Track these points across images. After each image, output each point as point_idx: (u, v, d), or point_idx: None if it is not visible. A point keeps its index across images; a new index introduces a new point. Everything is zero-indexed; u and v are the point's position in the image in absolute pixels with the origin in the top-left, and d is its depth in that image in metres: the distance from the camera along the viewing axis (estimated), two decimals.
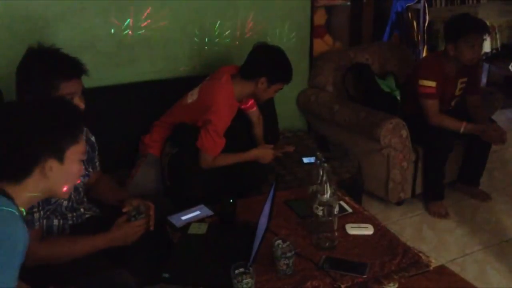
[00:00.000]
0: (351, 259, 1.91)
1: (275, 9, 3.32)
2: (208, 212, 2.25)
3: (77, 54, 1.97)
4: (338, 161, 2.98)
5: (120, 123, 2.81)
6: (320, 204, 1.95)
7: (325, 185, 1.96)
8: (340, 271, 1.84)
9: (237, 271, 1.71)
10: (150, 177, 2.65)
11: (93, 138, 2.16)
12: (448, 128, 3.18)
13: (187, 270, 1.90)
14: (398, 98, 3.48)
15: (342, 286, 1.78)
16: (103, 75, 2.85)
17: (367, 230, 2.10)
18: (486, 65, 4.96)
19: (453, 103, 3.39)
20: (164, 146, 2.68)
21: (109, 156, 2.38)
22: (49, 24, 2.68)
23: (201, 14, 3.07)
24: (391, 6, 4.82)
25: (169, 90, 2.92)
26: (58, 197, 1.81)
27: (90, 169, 2.15)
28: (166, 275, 1.86)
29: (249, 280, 1.70)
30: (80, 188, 2.07)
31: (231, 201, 2.18)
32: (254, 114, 2.94)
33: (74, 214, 2.04)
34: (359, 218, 2.20)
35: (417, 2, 4.77)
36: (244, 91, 2.68)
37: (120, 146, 2.77)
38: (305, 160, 2.95)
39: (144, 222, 1.96)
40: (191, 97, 2.71)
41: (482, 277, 2.67)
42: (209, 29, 3.12)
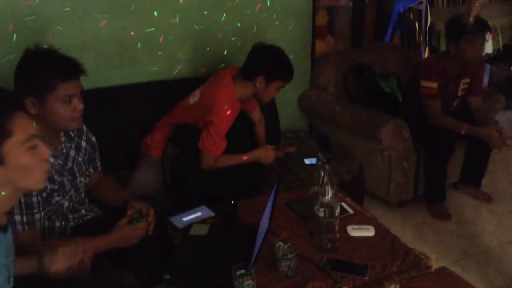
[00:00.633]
0: (352, 260, 1.91)
1: (277, 9, 3.32)
2: (209, 213, 2.25)
3: (79, 55, 1.97)
4: (339, 162, 2.98)
5: (121, 123, 2.81)
6: (321, 206, 1.95)
7: (327, 186, 1.96)
8: (342, 273, 1.84)
9: (238, 273, 1.71)
10: (151, 177, 2.65)
11: (93, 138, 2.16)
12: (449, 129, 3.18)
13: (188, 271, 1.90)
14: (400, 99, 3.48)
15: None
16: (105, 76, 2.85)
17: (368, 231, 2.10)
18: (488, 66, 4.95)
19: (455, 104, 3.39)
20: (166, 147, 2.68)
21: (110, 157, 2.38)
22: (50, 24, 2.68)
23: (203, 15, 3.06)
24: (393, 7, 4.83)
25: (171, 91, 2.92)
26: (31, 190, 1.66)
27: (91, 170, 2.15)
28: (167, 276, 1.86)
29: (250, 281, 1.70)
30: (81, 189, 2.07)
31: (232, 202, 2.18)
32: (256, 115, 2.94)
33: (75, 215, 2.04)
34: (360, 219, 2.20)
35: (419, 3, 4.78)
36: (246, 92, 2.68)
37: (121, 147, 2.77)
38: (307, 161, 2.94)
39: (145, 224, 1.97)
40: (193, 98, 2.71)
41: (484, 279, 2.67)
42: (211, 30, 3.12)
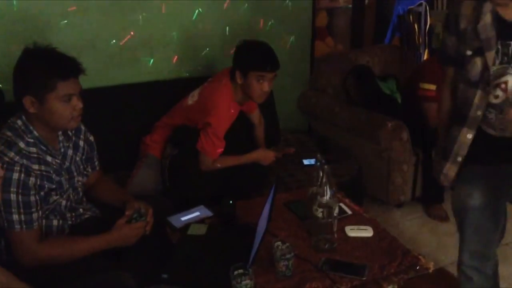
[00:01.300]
0: (350, 261, 1.91)
1: (277, 11, 3.33)
2: (207, 213, 2.25)
3: (79, 55, 1.97)
4: (338, 163, 2.98)
5: (121, 123, 2.81)
6: (319, 206, 1.95)
7: (325, 187, 1.96)
8: (340, 273, 1.84)
9: (236, 272, 1.71)
10: (150, 177, 2.65)
11: (91, 138, 2.15)
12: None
13: (186, 271, 1.90)
14: (399, 100, 3.48)
15: None
16: (104, 76, 2.86)
17: (367, 232, 2.10)
18: None
19: None
20: (165, 147, 2.68)
21: (110, 157, 2.38)
22: (51, 24, 2.68)
23: (203, 16, 3.07)
24: (392, 9, 4.83)
25: (170, 91, 2.93)
26: None
27: (89, 169, 2.14)
28: (165, 276, 1.86)
29: (248, 281, 1.70)
30: (79, 188, 2.07)
31: (231, 202, 2.19)
32: (255, 117, 2.93)
33: (73, 214, 2.04)
34: (359, 220, 2.20)
35: (419, 5, 4.78)
36: (239, 93, 2.65)
37: (120, 147, 2.77)
38: (305, 161, 2.95)
39: (144, 224, 1.96)
40: (192, 98, 2.71)
41: None
42: (211, 31, 3.12)
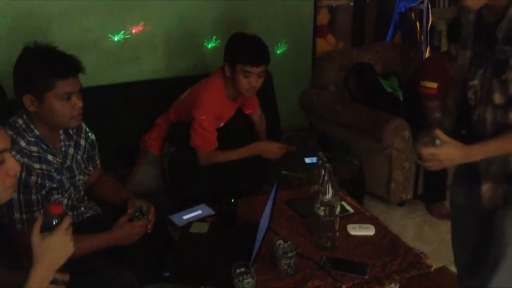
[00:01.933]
0: (352, 259, 1.91)
1: (278, 8, 3.32)
2: (209, 211, 2.25)
3: (80, 53, 1.96)
4: (339, 161, 2.98)
5: (121, 122, 2.81)
6: (321, 204, 1.94)
7: (327, 185, 1.95)
8: (341, 271, 1.84)
9: (238, 271, 1.71)
10: (150, 175, 2.65)
11: (92, 136, 2.15)
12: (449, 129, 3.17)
13: (188, 269, 1.90)
14: (401, 98, 3.47)
15: (343, 287, 1.78)
16: (105, 74, 2.86)
17: (369, 230, 2.09)
18: None
19: None
20: (164, 145, 2.68)
21: (110, 155, 2.39)
22: (52, 22, 2.68)
23: (204, 13, 3.07)
24: (394, 7, 4.82)
25: (171, 89, 2.92)
26: None
27: (90, 168, 2.15)
28: (167, 274, 1.86)
29: (250, 279, 1.70)
30: (80, 187, 2.07)
31: (232, 200, 2.18)
32: (257, 116, 2.93)
33: (75, 213, 2.04)
34: (361, 218, 2.20)
35: (421, 2, 4.77)
36: (231, 87, 2.61)
37: (121, 145, 2.78)
38: (307, 160, 2.94)
39: (145, 222, 1.97)
40: (185, 93, 2.71)
41: None
42: (211, 28, 3.12)
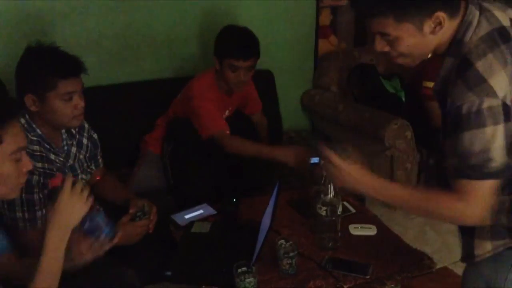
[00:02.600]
0: (354, 259, 1.91)
1: (280, 8, 3.32)
2: (211, 211, 2.25)
3: (82, 53, 1.97)
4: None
5: (123, 121, 2.81)
6: (323, 204, 1.94)
7: (329, 185, 1.96)
8: (343, 271, 1.84)
9: (239, 270, 1.71)
10: (151, 175, 2.65)
11: (95, 135, 2.16)
12: None
13: (190, 269, 1.90)
14: (403, 99, 3.47)
15: (345, 286, 1.78)
16: (108, 74, 2.86)
17: (370, 230, 2.10)
18: None
19: None
20: (163, 144, 2.68)
21: (112, 154, 2.39)
22: (54, 22, 2.69)
23: (206, 13, 3.07)
24: None
25: (173, 89, 2.92)
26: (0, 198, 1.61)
27: (93, 167, 2.15)
28: (169, 273, 1.86)
29: (251, 279, 1.70)
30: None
31: (234, 200, 2.19)
32: (257, 117, 2.93)
33: None
34: (362, 218, 2.20)
35: None
36: (223, 82, 2.59)
37: (123, 145, 2.78)
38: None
39: (147, 222, 1.97)
40: (180, 92, 2.71)
41: None
42: (213, 28, 3.12)
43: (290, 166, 2.37)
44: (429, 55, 1.44)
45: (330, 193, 1.95)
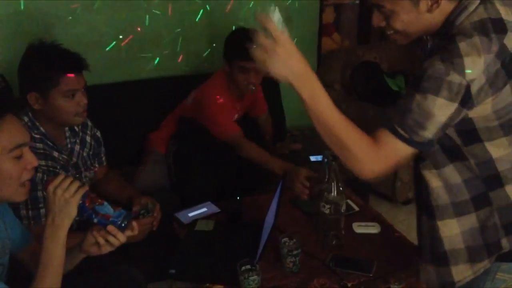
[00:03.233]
0: (357, 257, 1.91)
1: (284, 6, 3.32)
2: (214, 209, 2.25)
3: (85, 51, 1.97)
4: None
5: (127, 120, 2.82)
6: (327, 202, 1.94)
7: (332, 184, 1.95)
8: (347, 269, 1.84)
9: (243, 268, 1.71)
10: (156, 173, 2.66)
11: (98, 133, 2.16)
12: None
13: (193, 266, 1.90)
14: None
15: (349, 284, 1.78)
16: (111, 72, 2.86)
17: (374, 228, 2.09)
18: None
19: None
20: (168, 144, 2.68)
21: (116, 153, 2.39)
22: (58, 21, 2.69)
23: (209, 11, 3.06)
24: None
25: (175, 87, 2.93)
26: (9, 201, 1.55)
27: (96, 164, 2.15)
28: (172, 271, 1.86)
29: (255, 277, 1.70)
30: (86, 184, 2.07)
31: (238, 198, 2.19)
32: (263, 119, 2.93)
33: None
34: (366, 216, 2.20)
35: None
36: (234, 86, 2.59)
37: (126, 143, 2.78)
38: (313, 158, 2.93)
39: (151, 220, 1.97)
40: (191, 96, 2.70)
41: None
42: (216, 27, 3.12)
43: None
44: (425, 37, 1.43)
45: (334, 191, 1.95)
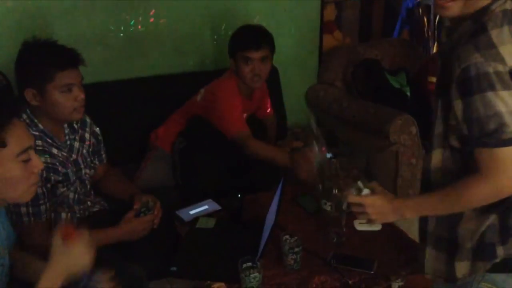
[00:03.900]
0: (359, 255, 1.91)
1: (285, 4, 3.31)
2: (216, 206, 2.26)
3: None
4: (346, 157, 2.97)
5: (129, 117, 2.81)
6: (328, 200, 1.94)
7: (334, 181, 1.95)
8: (348, 267, 1.84)
9: (244, 266, 1.71)
10: (159, 170, 2.65)
11: (97, 130, 2.15)
12: None
13: (195, 264, 1.90)
14: (408, 94, 3.46)
15: (350, 282, 1.78)
16: (113, 69, 2.86)
17: (375, 226, 2.09)
18: None
19: None
20: (175, 142, 2.67)
21: (118, 150, 2.39)
22: (60, 18, 2.69)
23: (211, 9, 3.06)
24: (401, 2, 4.80)
25: (178, 84, 2.92)
26: (16, 202, 1.60)
27: (96, 162, 2.15)
28: (174, 269, 1.87)
29: (256, 274, 1.70)
30: (87, 181, 2.07)
31: (239, 196, 2.19)
32: (269, 119, 2.94)
33: (81, 207, 2.05)
34: None
35: None
36: (243, 85, 2.60)
37: (128, 140, 2.78)
38: None
39: (152, 218, 1.97)
40: (200, 95, 2.70)
41: None
42: (218, 23, 3.12)
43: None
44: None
45: (335, 189, 1.95)
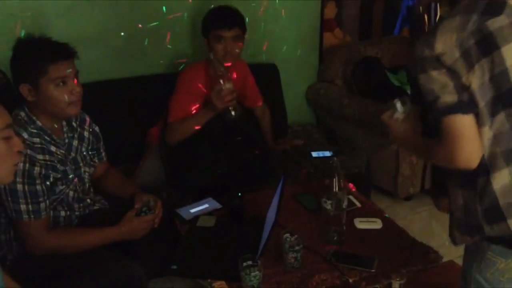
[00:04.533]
0: (359, 253, 1.91)
1: (286, 2, 3.31)
2: (216, 205, 2.26)
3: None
4: (346, 156, 2.97)
5: (128, 116, 2.80)
6: (328, 198, 1.94)
7: (334, 179, 1.95)
8: (348, 265, 1.84)
9: (245, 264, 1.71)
10: (156, 168, 2.64)
11: (97, 129, 2.15)
12: None
13: (195, 262, 1.90)
14: (409, 92, 3.45)
15: (350, 280, 1.78)
16: (111, 68, 2.85)
17: (376, 224, 2.09)
18: None
19: None
20: (161, 135, 2.67)
21: (118, 149, 2.38)
22: (60, 18, 2.68)
23: (208, 7, 3.05)
24: (402, 0, 4.79)
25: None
26: None
27: (96, 160, 2.15)
28: (174, 267, 1.87)
29: (257, 272, 1.70)
30: (86, 179, 2.07)
31: (239, 194, 2.19)
32: (259, 110, 2.91)
33: (80, 205, 2.04)
34: (368, 212, 2.20)
35: None
36: (214, 66, 2.51)
37: (127, 139, 2.77)
38: (314, 154, 2.93)
39: (153, 217, 1.97)
40: None
41: None
42: None
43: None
44: None
45: (335, 187, 1.95)
